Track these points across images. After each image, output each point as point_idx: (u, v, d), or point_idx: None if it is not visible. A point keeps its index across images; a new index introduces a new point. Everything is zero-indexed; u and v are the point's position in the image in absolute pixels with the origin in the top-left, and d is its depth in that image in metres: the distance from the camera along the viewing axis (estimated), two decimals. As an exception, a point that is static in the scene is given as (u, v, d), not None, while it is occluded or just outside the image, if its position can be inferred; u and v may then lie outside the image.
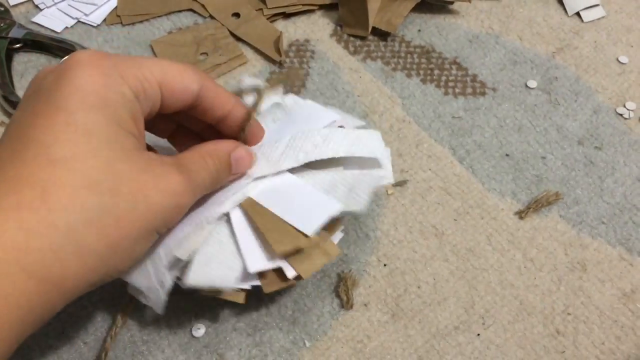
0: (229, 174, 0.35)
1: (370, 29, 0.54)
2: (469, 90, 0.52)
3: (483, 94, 0.51)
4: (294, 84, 0.51)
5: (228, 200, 0.35)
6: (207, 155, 0.33)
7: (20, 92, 0.50)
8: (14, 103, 0.49)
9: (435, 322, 0.41)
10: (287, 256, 0.36)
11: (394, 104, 0.51)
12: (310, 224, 0.35)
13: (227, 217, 0.36)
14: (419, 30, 0.55)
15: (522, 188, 0.47)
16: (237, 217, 0.36)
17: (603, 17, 0.56)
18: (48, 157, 0.26)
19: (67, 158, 0.26)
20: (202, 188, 0.33)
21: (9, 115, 0.49)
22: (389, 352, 0.40)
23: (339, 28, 0.56)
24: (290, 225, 0.35)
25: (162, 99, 0.31)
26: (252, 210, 0.36)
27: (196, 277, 0.34)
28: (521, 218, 0.45)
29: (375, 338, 0.41)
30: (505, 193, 0.46)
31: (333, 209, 0.36)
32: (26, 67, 0.52)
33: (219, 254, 0.35)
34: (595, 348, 0.40)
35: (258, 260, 0.35)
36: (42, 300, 0.26)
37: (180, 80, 0.31)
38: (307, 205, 0.36)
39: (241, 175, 0.36)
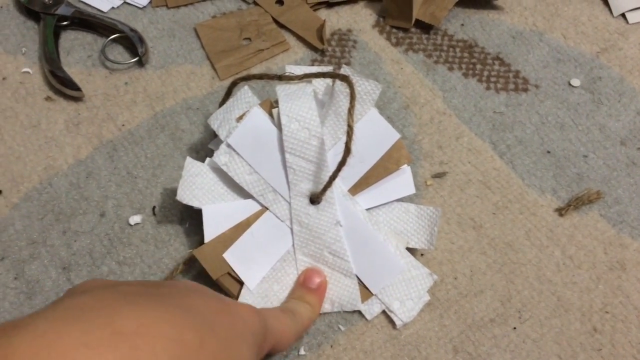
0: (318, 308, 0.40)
1: (413, 21, 0.54)
2: (511, 86, 0.52)
3: (525, 90, 0.51)
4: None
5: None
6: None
7: (66, 68, 0.51)
8: (60, 78, 0.50)
9: (471, 314, 0.41)
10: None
11: (435, 96, 0.51)
12: (376, 285, 0.41)
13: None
14: (462, 25, 0.55)
15: (562, 185, 0.46)
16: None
17: (649, 19, 0.56)
18: (228, 341, 0.28)
19: (235, 347, 0.28)
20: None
21: (55, 90, 0.50)
22: (424, 340, 0.40)
23: (381, 19, 0.56)
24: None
25: (271, 348, 0.35)
26: None
27: None
28: (561, 215, 0.45)
29: (410, 326, 0.41)
30: (545, 189, 0.46)
31: (398, 270, 0.41)
32: (72, 45, 0.53)
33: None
34: (633, 347, 0.40)
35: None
36: None
37: (288, 341, 0.36)
38: (377, 264, 0.41)
39: None
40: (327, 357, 0.40)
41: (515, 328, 0.41)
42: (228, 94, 0.46)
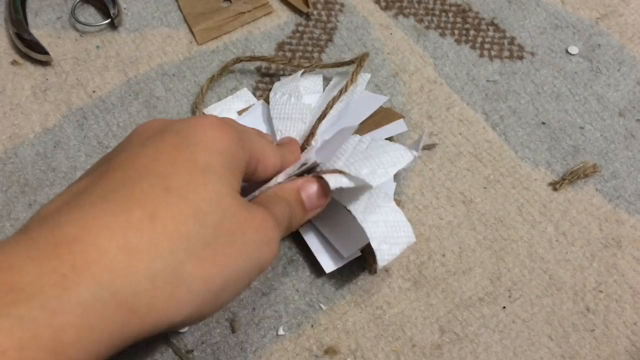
0: (304, 213, 0.35)
1: (404, -16, 0.51)
2: (506, 53, 0.49)
3: (521, 57, 0.49)
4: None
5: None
6: (278, 194, 0.34)
7: (34, 30, 0.48)
8: (27, 41, 0.46)
9: (459, 292, 0.39)
10: None
11: (425, 64, 0.48)
12: (346, 250, 0.38)
13: None
14: (456, -12, 0.52)
15: (557, 158, 0.44)
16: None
17: (651, -16, 0.53)
18: (163, 186, 0.26)
19: (181, 187, 0.26)
20: (283, 226, 0.33)
21: (22, 54, 0.47)
22: (409, 320, 0.38)
23: (370, -19, 0.53)
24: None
25: (254, 172, 0.33)
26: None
27: None
28: (555, 189, 0.43)
29: (395, 305, 0.39)
30: (539, 163, 0.44)
31: (367, 239, 0.36)
32: (41, 6, 0.50)
33: None
34: (627, 328, 0.38)
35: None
36: (121, 335, 0.23)
37: (273, 162, 0.34)
38: (349, 229, 0.37)
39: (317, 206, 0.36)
40: (307, 337, 0.38)
41: (504, 307, 0.39)
42: (224, 69, 0.46)
